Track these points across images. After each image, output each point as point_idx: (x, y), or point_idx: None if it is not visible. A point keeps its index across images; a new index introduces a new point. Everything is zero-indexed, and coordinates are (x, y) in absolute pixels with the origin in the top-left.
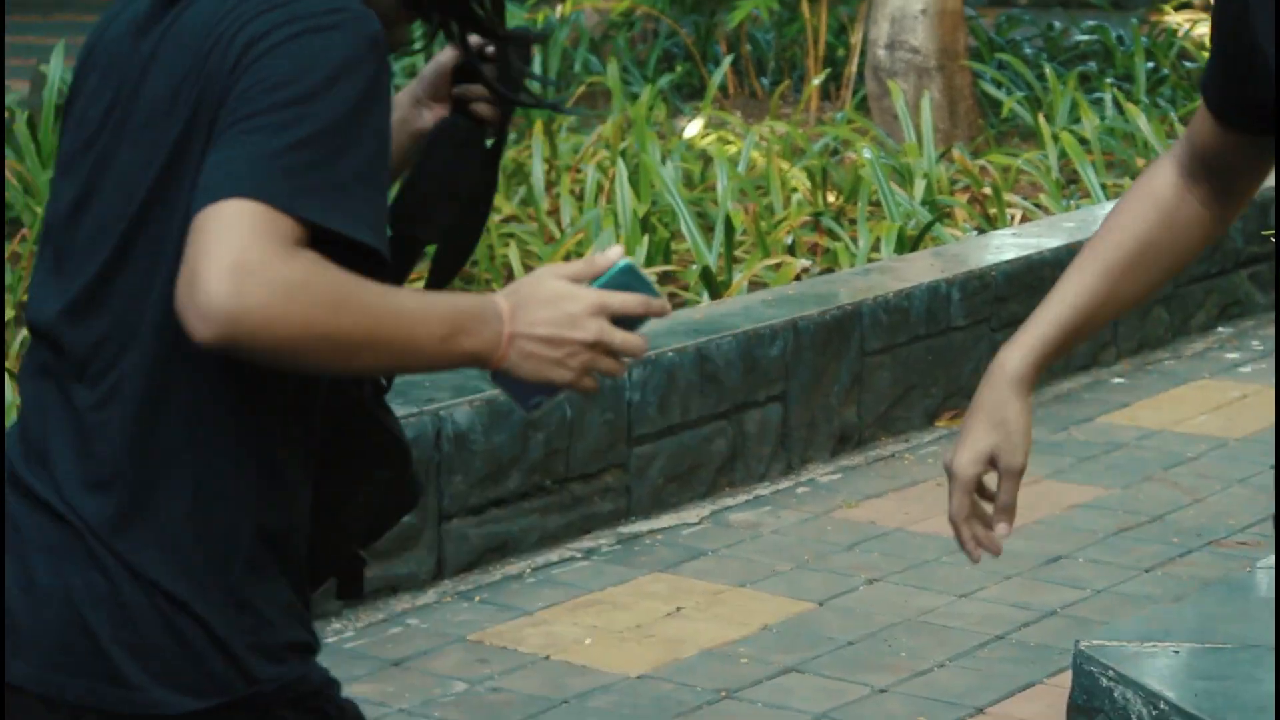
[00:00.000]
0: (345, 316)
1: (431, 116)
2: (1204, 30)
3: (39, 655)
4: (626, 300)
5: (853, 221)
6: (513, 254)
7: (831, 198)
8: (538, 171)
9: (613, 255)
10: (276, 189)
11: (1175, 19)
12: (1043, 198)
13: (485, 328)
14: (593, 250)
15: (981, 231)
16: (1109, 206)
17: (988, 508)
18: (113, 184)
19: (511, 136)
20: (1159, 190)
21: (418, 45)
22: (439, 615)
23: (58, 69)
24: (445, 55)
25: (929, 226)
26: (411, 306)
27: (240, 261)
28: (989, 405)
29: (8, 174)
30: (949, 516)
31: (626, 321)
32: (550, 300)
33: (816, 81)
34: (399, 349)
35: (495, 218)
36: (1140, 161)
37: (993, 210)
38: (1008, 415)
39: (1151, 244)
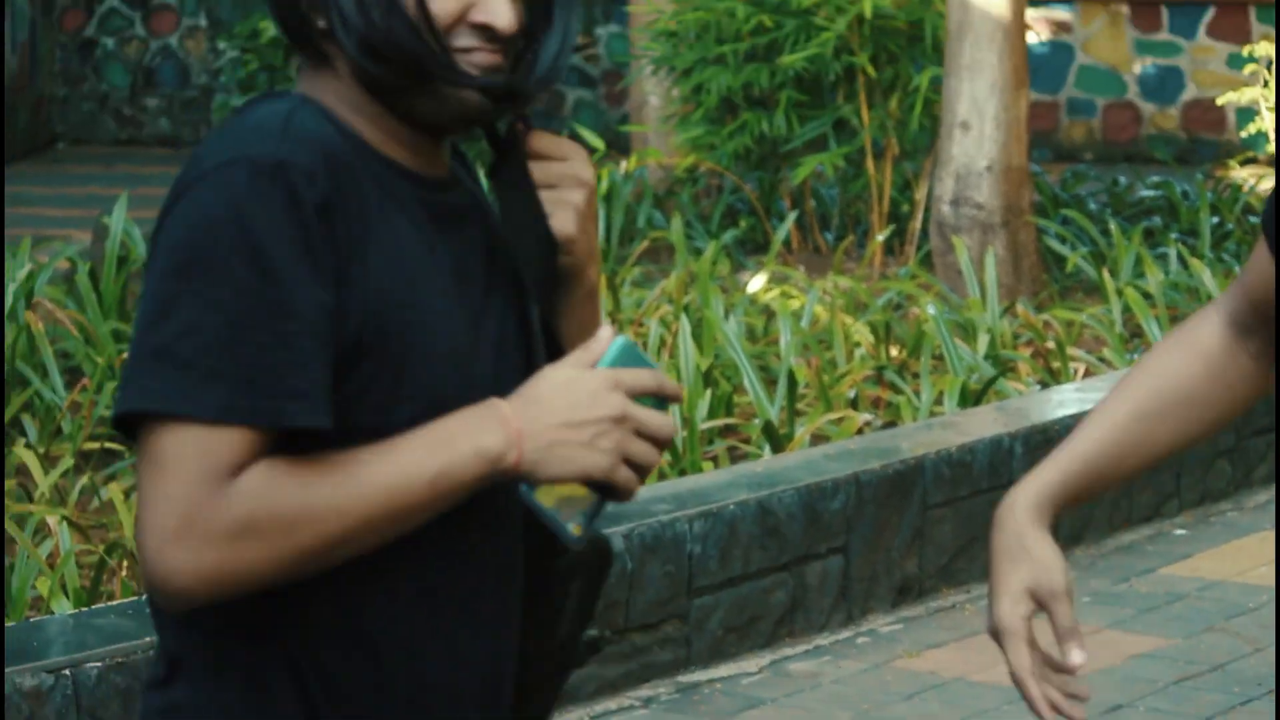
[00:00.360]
0: (304, 531)
1: None
2: (1269, 185)
3: None
4: (639, 375)
5: (916, 376)
6: None
7: (895, 352)
8: None
9: (605, 336)
10: (183, 393)
11: (1240, 174)
12: (1106, 352)
13: (482, 437)
14: None
15: (1045, 386)
16: None
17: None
18: None
19: None
20: (1207, 342)
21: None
22: None
23: (119, 220)
24: None
25: (992, 381)
26: (383, 472)
27: (174, 532)
28: (1003, 546)
29: (69, 323)
30: (1012, 675)
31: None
32: (562, 386)
33: (881, 237)
34: (384, 522)
35: None
36: None
37: (1056, 365)
38: (1027, 544)
39: (1193, 396)
